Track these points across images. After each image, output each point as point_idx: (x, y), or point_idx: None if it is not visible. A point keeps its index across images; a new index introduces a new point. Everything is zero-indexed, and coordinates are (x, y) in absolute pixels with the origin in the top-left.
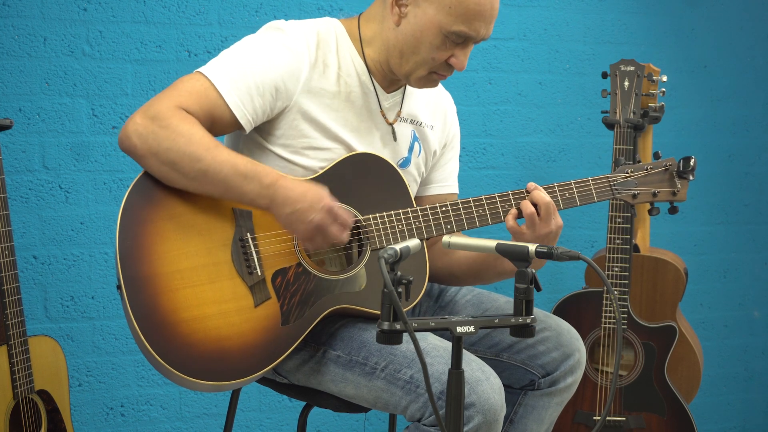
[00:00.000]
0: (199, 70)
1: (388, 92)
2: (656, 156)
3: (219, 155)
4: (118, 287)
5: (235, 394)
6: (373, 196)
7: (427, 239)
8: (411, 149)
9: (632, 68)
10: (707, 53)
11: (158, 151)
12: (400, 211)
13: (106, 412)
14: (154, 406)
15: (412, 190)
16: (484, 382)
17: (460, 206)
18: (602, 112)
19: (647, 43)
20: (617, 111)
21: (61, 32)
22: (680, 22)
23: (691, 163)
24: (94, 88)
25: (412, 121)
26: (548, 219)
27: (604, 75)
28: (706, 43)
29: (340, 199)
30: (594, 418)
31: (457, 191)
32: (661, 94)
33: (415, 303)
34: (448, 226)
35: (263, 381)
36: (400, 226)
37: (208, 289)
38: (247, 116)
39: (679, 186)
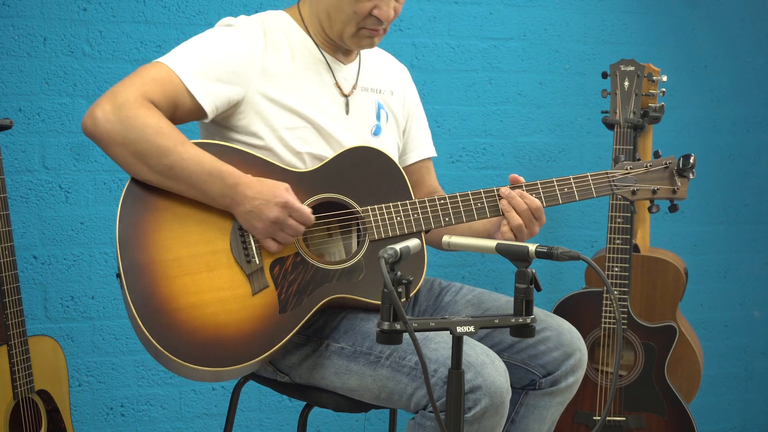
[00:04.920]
0: (158, 60)
1: (345, 64)
2: (656, 155)
3: (186, 151)
4: (118, 275)
5: (235, 394)
6: (372, 188)
7: (426, 231)
8: (378, 116)
9: (632, 68)
10: (707, 53)
11: (126, 141)
12: (399, 203)
13: (106, 412)
14: (154, 406)
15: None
16: (489, 365)
17: (459, 199)
18: (602, 112)
19: (647, 43)
20: (617, 111)
21: (61, 32)
22: (680, 22)
23: (691, 161)
24: (94, 88)
25: (373, 89)
26: (540, 220)
27: (604, 75)
28: (706, 43)
29: (339, 191)
30: (594, 418)
31: (434, 153)
32: (661, 94)
33: (411, 295)
34: (447, 219)
35: (263, 380)
36: (398, 218)
37: (206, 277)
38: (207, 100)
39: (678, 184)
